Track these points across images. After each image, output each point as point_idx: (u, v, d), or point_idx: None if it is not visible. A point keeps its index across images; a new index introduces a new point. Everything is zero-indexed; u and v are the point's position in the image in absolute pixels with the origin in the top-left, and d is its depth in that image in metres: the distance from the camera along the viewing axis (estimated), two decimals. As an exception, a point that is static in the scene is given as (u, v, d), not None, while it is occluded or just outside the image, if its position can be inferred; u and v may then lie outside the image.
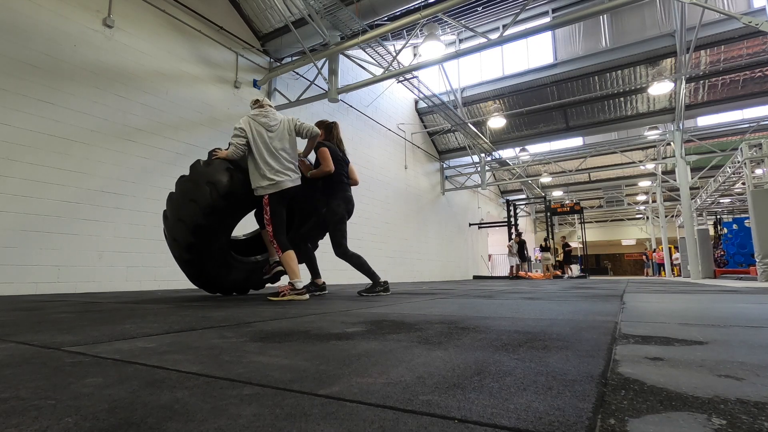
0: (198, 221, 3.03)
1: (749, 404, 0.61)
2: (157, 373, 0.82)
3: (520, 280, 10.77)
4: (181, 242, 3.12)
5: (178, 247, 3.17)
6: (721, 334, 1.30)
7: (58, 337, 1.31)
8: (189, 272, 3.33)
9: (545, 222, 17.02)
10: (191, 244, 3.09)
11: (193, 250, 3.12)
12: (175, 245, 3.19)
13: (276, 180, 3.16)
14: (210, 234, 3.12)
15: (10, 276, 4.22)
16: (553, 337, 1.25)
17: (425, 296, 3.50)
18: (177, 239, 3.13)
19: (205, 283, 3.39)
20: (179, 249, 3.17)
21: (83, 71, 5.01)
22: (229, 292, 3.61)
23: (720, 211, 16.90)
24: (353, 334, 1.36)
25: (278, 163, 3.20)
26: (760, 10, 9.00)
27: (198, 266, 3.23)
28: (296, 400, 0.64)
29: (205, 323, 1.65)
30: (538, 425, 0.54)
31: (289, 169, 3.26)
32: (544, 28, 6.22)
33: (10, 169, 4.30)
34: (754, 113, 12.79)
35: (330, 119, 4.15)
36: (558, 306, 2.39)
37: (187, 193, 3.07)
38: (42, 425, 0.55)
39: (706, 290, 4.33)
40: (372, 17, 6.80)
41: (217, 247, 3.23)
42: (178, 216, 3.09)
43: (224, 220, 3.17)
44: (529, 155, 16.30)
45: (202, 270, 3.27)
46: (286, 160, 3.26)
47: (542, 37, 11.89)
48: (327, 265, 8.54)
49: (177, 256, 3.28)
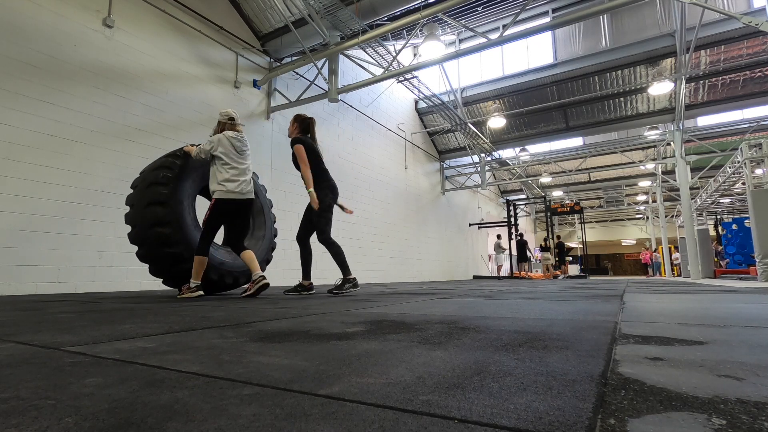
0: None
1: (749, 404, 0.61)
2: (157, 373, 0.82)
3: (520, 280, 10.77)
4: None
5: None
6: (721, 334, 1.30)
7: (58, 337, 1.31)
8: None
9: (545, 222, 17.02)
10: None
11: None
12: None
13: (227, 188, 3.51)
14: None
15: (10, 276, 4.22)
16: (553, 337, 1.25)
17: (425, 296, 3.50)
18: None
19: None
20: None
21: (83, 71, 5.01)
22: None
23: (720, 211, 16.90)
24: (353, 334, 1.36)
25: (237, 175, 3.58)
26: (760, 10, 9.00)
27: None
28: (296, 400, 0.64)
29: (205, 323, 1.65)
30: (538, 425, 0.54)
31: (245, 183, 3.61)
32: (544, 28, 6.22)
33: (10, 169, 4.30)
34: (754, 113, 12.79)
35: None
36: (558, 306, 2.39)
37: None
38: (42, 425, 0.55)
39: (706, 290, 4.33)
40: (372, 17, 6.80)
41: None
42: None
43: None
44: (529, 155, 16.30)
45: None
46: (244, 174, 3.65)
47: (542, 37, 11.89)
48: (327, 265, 8.55)
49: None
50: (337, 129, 9.47)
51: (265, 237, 4.35)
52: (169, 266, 3.54)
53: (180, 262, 3.51)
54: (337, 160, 9.31)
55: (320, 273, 8.37)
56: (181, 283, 3.64)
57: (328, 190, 3.76)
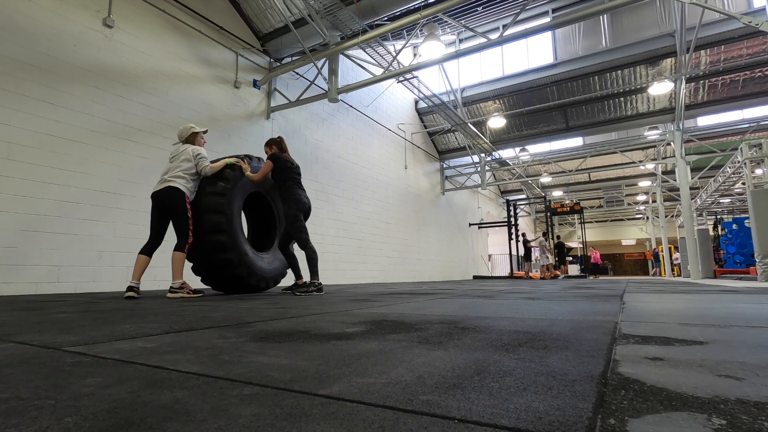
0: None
1: (749, 404, 0.61)
2: (157, 373, 0.82)
3: (520, 280, 10.78)
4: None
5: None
6: (721, 334, 1.30)
7: (58, 337, 1.31)
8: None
9: (545, 222, 17.02)
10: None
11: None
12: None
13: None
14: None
15: (10, 276, 4.22)
16: (553, 337, 1.25)
17: (425, 296, 3.50)
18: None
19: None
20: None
21: (83, 71, 5.01)
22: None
23: (720, 211, 16.89)
24: (353, 334, 1.36)
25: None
26: (760, 10, 9.00)
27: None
28: (296, 400, 0.64)
29: (205, 323, 1.65)
30: (538, 425, 0.54)
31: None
32: (544, 28, 6.22)
33: (10, 169, 4.30)
34: (754, 113, 12.79)
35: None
36: (558, 306, 2.39)
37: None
38: (42, 425, 0.55)
39: (706, 290, 4.33)
40: (372, 17, 6.80)
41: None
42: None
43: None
44: (529, 155, 16.30)
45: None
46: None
47: (542, 37, 11.89)
48: (327, 266, 8.55)
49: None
50: (337, 129, 9.47)
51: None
52: (222, 271, 3.81)
53: (231, 267, 3.79)
54: (337, 160, 9.31)
55: (320, 273, 8.37)
56: (228, 288, 3.98)
57: (293, 203, 4.04)
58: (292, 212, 4.02)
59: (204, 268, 3.84)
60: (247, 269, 3.84)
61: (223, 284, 3.93)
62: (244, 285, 3.93)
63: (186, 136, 3.96)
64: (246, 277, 3.85)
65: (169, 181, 3.66)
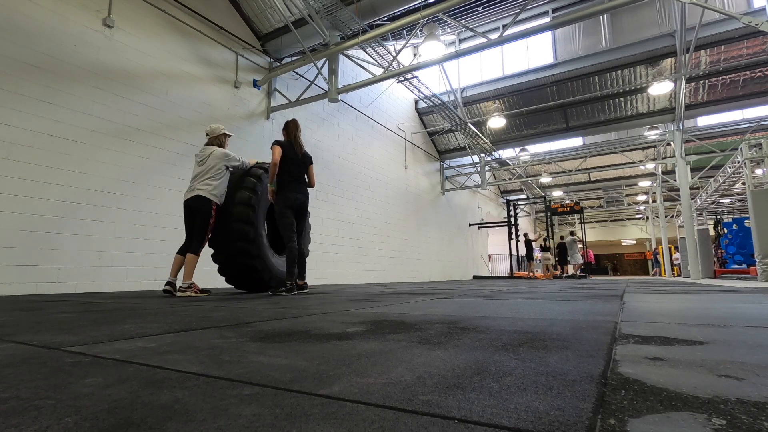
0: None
1: (749, 404, 0.61)
2: (157, 373, 0.82)
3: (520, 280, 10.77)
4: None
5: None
6: (721, 334, 1.30)
7: (58, 337, 1.31)
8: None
9: (545, 222, 17.01)
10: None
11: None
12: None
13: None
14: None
15: (10, 276, 4.22)
16: (553, 337, 1.25)
17: (425, 296, 3.50)
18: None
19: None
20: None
21: (83, 71, 5.01)
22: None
23: (720, 211, 16.89)
24: (353, 334, 1.36)
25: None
26: (760, 10, 9.00)
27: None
28: (296, 400, 0.64)
29: (205, 323, 1.65)
30: (538, 425, 0.54)
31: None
32: (544, 28, 6.22)
33: (10, 169, 4.30)
34: (754, 113, 12.79)
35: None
36: (558, 306, 2.39)
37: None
38: (42, 425, 0.55)
39: (706, 290, 4.33)
40: (372, 17, 6.80)
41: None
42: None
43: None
44: (529, 155, 16.29)
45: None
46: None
47: (542, 37, 11.89)
48: (327, 266, 8.56)
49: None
50: (337, 129, 9.47)
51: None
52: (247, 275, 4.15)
53: (255, 272, 4.11)
54: (337, 160, 9.30)
55: (320, 273, 8.37)
56: (250, 288, 4.31)
57: (281, 200, 4.07)
58: (278, 209, 4.11)
59: (230, 272, 4.19)
60: (269, 273, 4.19)
61: (246, 286, 4.31)
62: (264, 286, 4.26)
63: (217, 134, 4.23)
64: (267, 280, 4.20)
65: (197, 189, 3.97)
